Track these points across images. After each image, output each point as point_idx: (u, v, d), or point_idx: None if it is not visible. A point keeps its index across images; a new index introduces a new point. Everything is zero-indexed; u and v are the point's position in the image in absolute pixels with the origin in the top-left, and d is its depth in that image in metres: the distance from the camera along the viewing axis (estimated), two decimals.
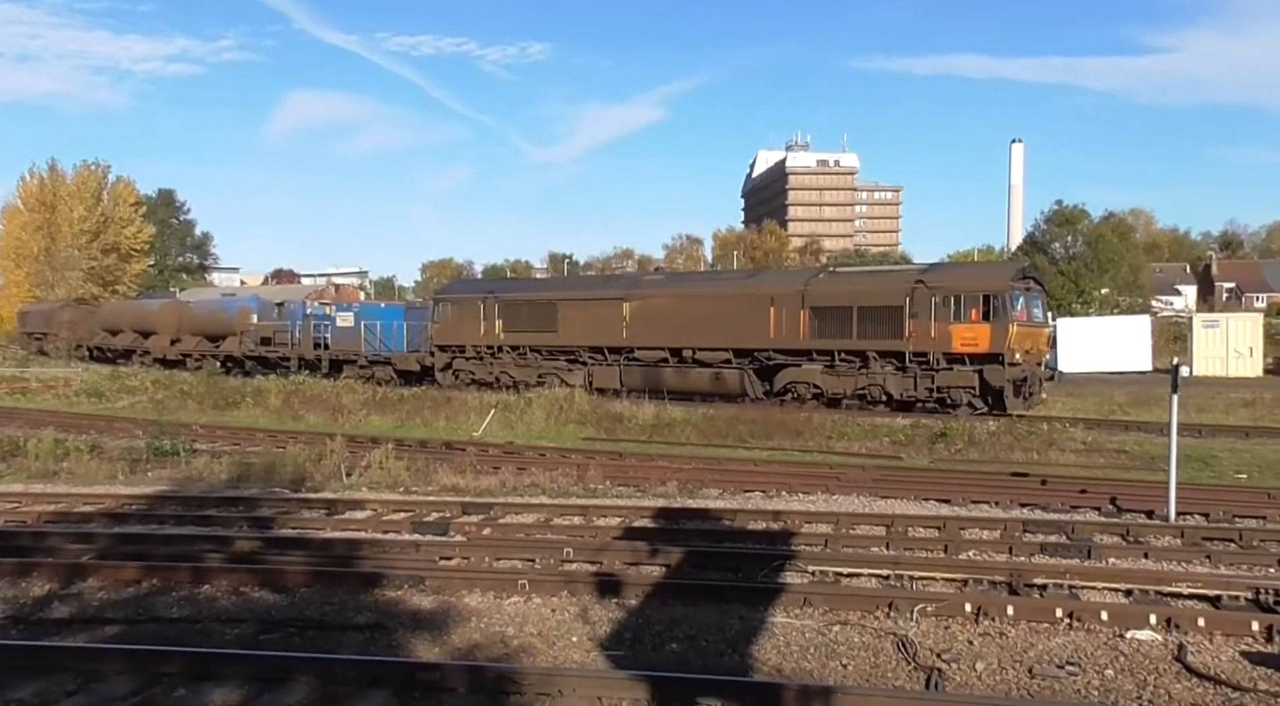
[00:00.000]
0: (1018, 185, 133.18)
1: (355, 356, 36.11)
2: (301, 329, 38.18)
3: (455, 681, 6.56)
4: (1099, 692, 6.67)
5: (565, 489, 14.94)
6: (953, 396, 24.58)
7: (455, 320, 33.31)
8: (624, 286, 31.47)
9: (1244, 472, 16.63)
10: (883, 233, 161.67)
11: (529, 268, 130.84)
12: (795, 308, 26.56)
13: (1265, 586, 8.64)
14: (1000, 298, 24.10)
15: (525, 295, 33.50)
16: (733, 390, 27.60)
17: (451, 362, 33.49)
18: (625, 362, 29.60)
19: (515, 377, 31.65)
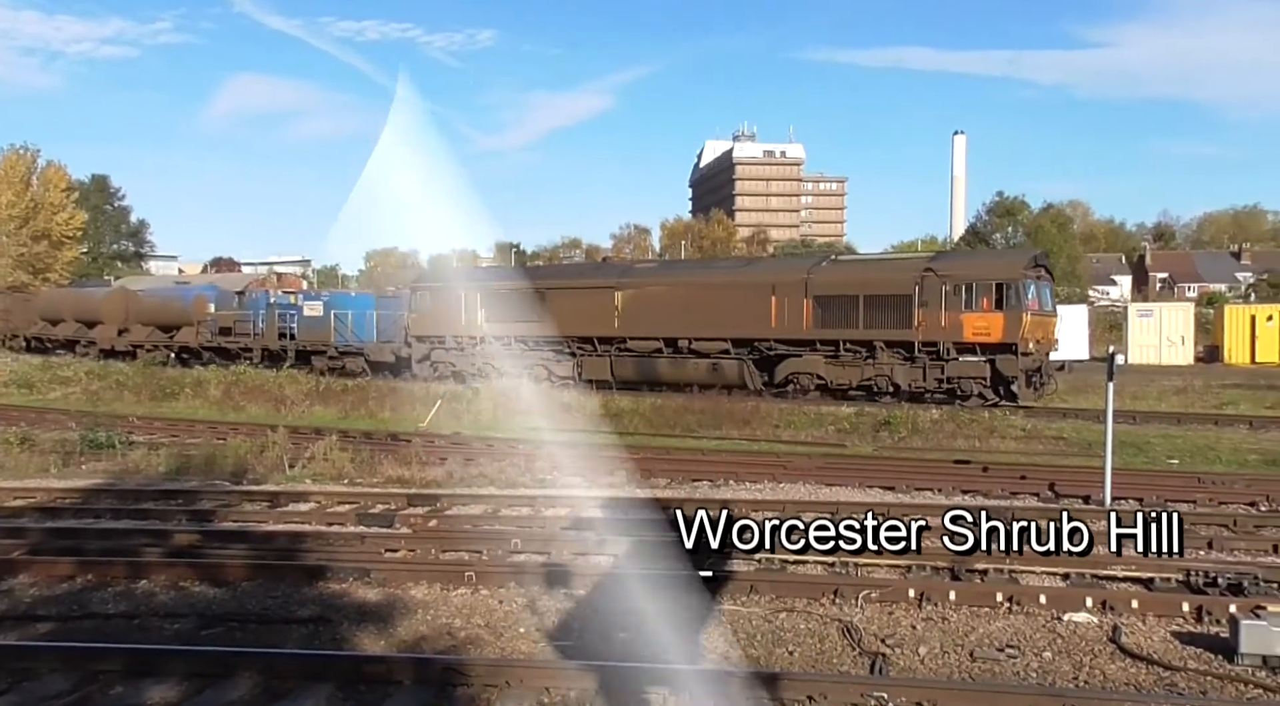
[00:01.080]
0: (960, 177, 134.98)
1: (324, 347, 34.91)
2: (265, 318, 36.86)
3: (401, 674, 6.50)
4: (1037, 674, 6.82)
5: (513, 479, 14.87)
6: (963, 387, 24.08)
7: (434, 309, 31.94)
8: (616, 274, 30.62)
9: (1176, 458, 17.12)
10: (828, 223, 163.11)
11: (476, 256, 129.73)
12: (798, 296, 25.89)
13: (1195, 568, 8.89)
14: (1013, 286, 23.63)
15: (510, 284, 32.09)
16: (731, 381, 26.97)
17: (430, 354, 32.28)
18: (617, 353, 28.78)
19: (500, 369, 30.58)
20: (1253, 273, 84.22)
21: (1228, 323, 44.77)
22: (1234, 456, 17.05)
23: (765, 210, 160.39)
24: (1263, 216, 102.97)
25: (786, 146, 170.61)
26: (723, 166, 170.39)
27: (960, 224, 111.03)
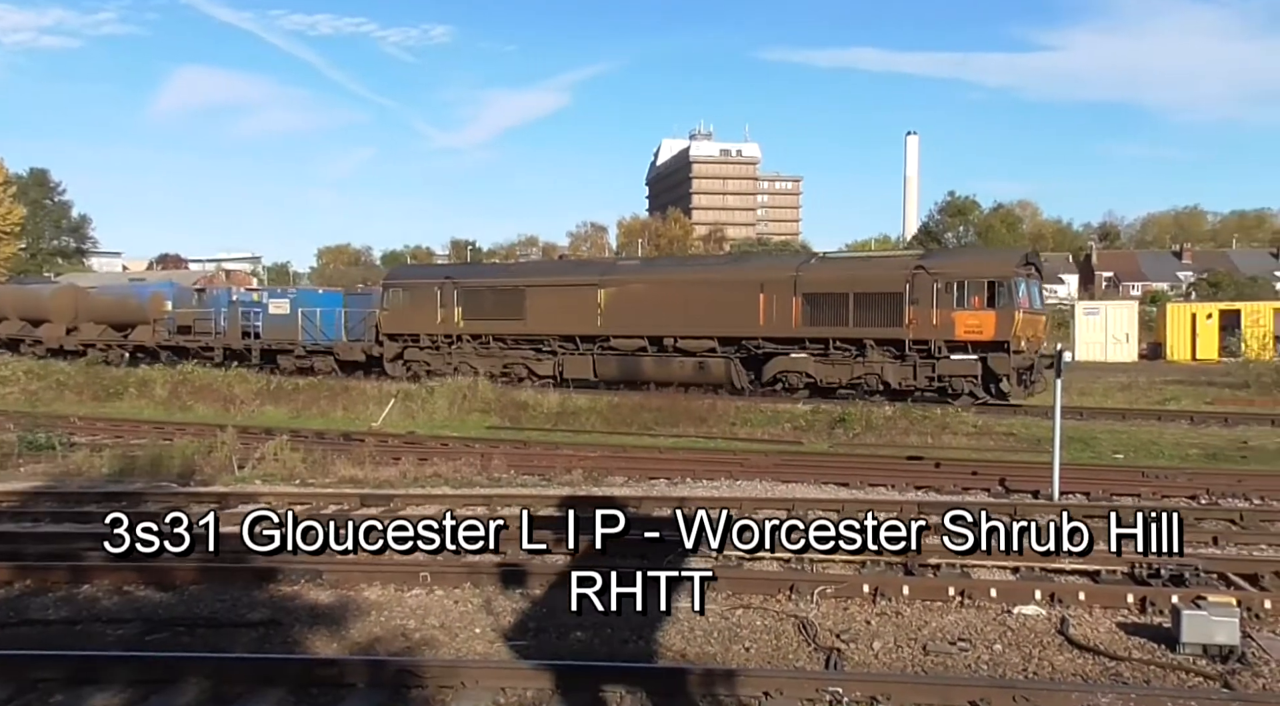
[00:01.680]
0: (912, 176, 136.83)
1: (291, 346, 34.09)
2: (228, 317, 35.99)
3: (355, 676, 6.42)
4: (988, 666, 6.90)
5: (469, 478, 14.77)
6: (954, 385, 23.98)
7: (408, 307, 31.35)
8: (599, 271, 30.01)
9: (1121, 452, 17.46)
10: (784, 222, 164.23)
11: (430, 254, 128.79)
12: (787, 294, 25.55)
13: (1139, 560, 9.05)
14: (1005, 284, 23.53)
15: (488, 281, 31.61)
16: (718, 380, 26.62)
17: (403, 353, 31.65)
18: (600, 352, 28.28)
19: (477, 368, 29.87)
20: (1193, 272, 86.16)
21: (1169, 321, 45.81)
22: (1176, 451, 17.44)
23: (722, 209, 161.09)
24: (1203, 217, 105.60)
25: (743, 145, 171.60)
26: (679, 165, 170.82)
27: (913, 223, 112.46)
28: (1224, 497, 12.95)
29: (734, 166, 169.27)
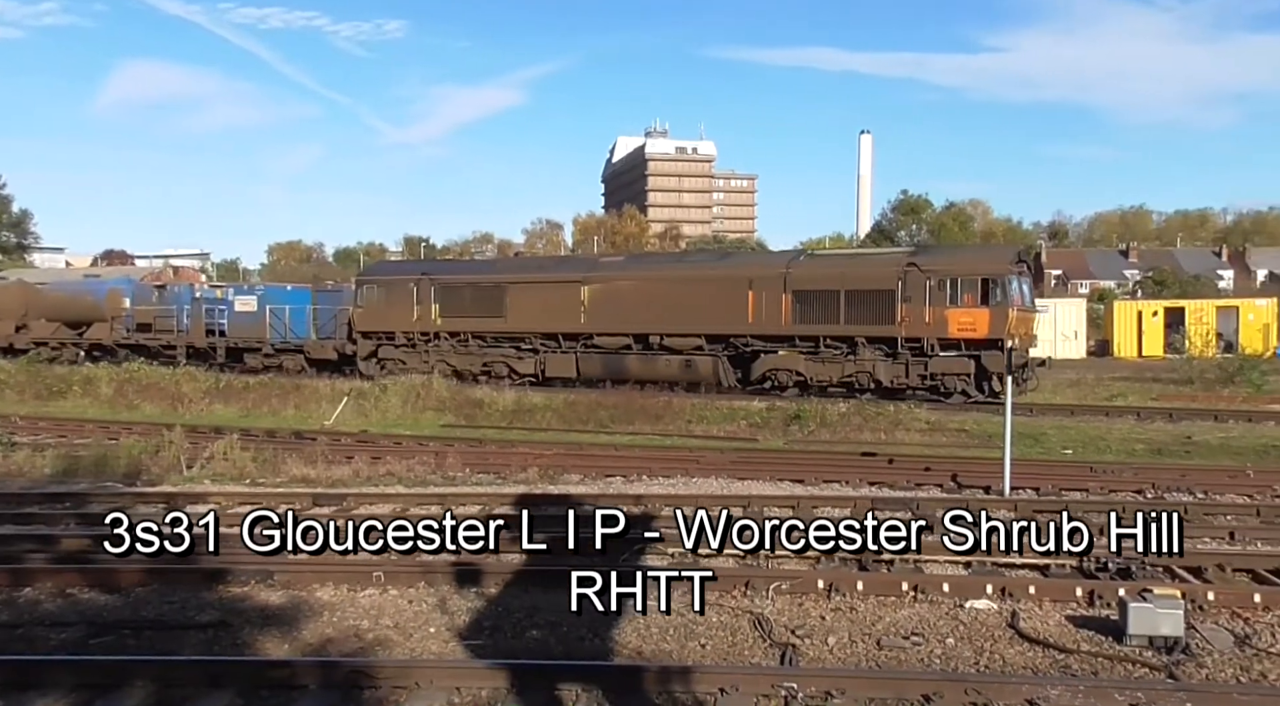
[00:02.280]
0: (866, 175, 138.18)
1: (259, 344, 33.34)
2: (191, 314, 35.06)
3: (306, 678, 6.33)
4: (941, 660, 6.98)
5: (423, 477, 14.64)
6: (947, 383, 23.87)
7: (382, 304, 30.75)
8: (582, 268, 29.64)
9: (1070, 448, 17.75)
10: (739, 219, 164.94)
11: (383, 250, 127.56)
12: (776, 291, 25.29)
13: (1086, 554, 9.21)
14: (1000, 281, 23.44)
15: (467, 277, 31.10)
16: (705, 378, 26.27)
17: (377, 351, 31.04)
18: (583, 350, 27.88)
19: (455, 367, 29.46)
20: (1139, 270, 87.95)
21: (1117, 318, 46.76)
22: (1123, 446, 17.77)
23: (678, 206, 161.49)
24: (1148, 217, 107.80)
25: (698, 143, 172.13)
26: (635, 162, 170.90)
27: (866, 221, 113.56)
28: (1169, 492, 13.22)
29: (689, 164, 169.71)
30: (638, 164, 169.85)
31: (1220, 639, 7.30)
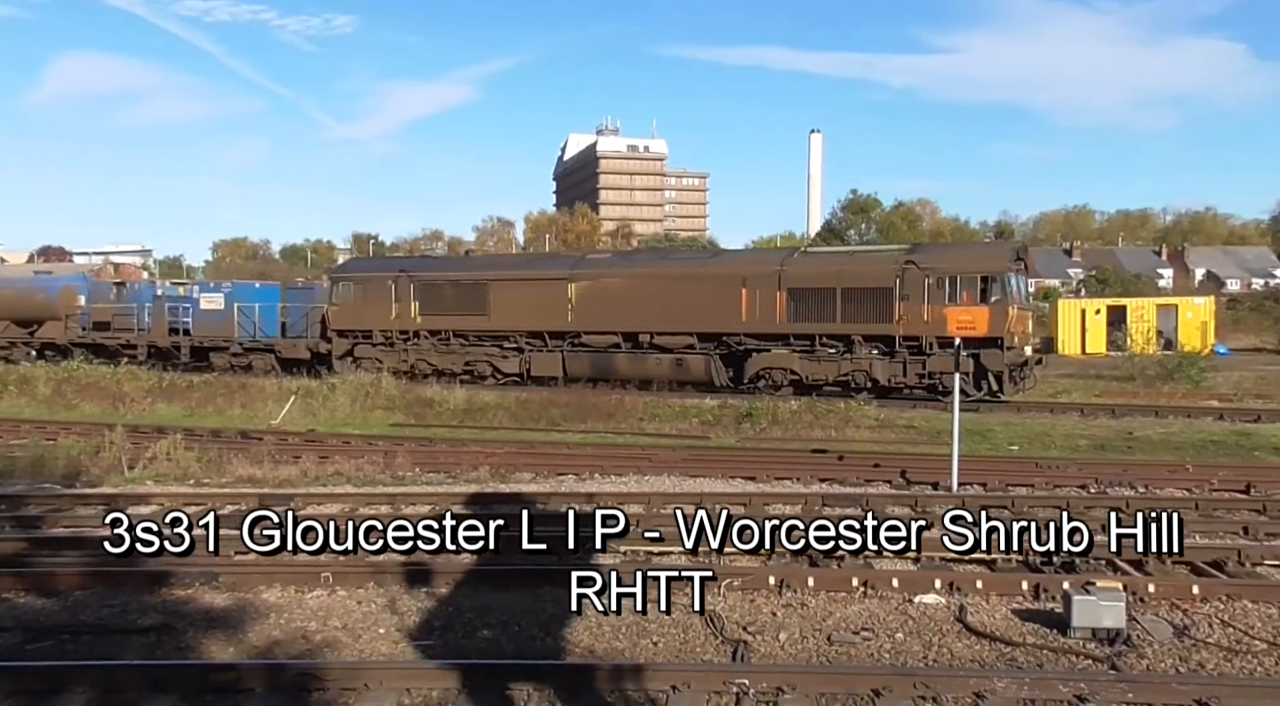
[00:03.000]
0: (816, 174, 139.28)
1: (226, 343, 32.33)
2: (152, 312, 33.97)
3: (253, 681, 6.23)
4: (890, 655, 7.06)
5: (372, 477, 14.48)
6: (945, 382, 23.35)
7: (359, 302, 30.00)
8: (569, 265, 28.97)
9: (1016, 444, 18.06)
10: (691, 218, 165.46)
11: (331, 248, 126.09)
12: (771, 289, 24.88)
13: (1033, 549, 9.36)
14: (999, 279, 23.24)
15: (448, 274, 30.20)
16: (697, 377, 25.82)
17: (353, 349, 30.16)
18: (570, 349, 27.30)
19: (436, 366, 28.85)
20: (1083, 269, 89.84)
21: (1061, 316, 47.63)
22: (1067, 442, 18.11)
23: (629, 204, 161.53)
24: (1091, 216, 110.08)
25: (650, 141, 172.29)
26: (587, 160, 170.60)
27: (817, 220, 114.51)
28: (1111, 486, 13.50)
29: (641, 162, 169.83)
30: (589, 162, 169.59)
31: (1160, 630, 7.47)
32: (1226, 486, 13.34)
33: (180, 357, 32.94)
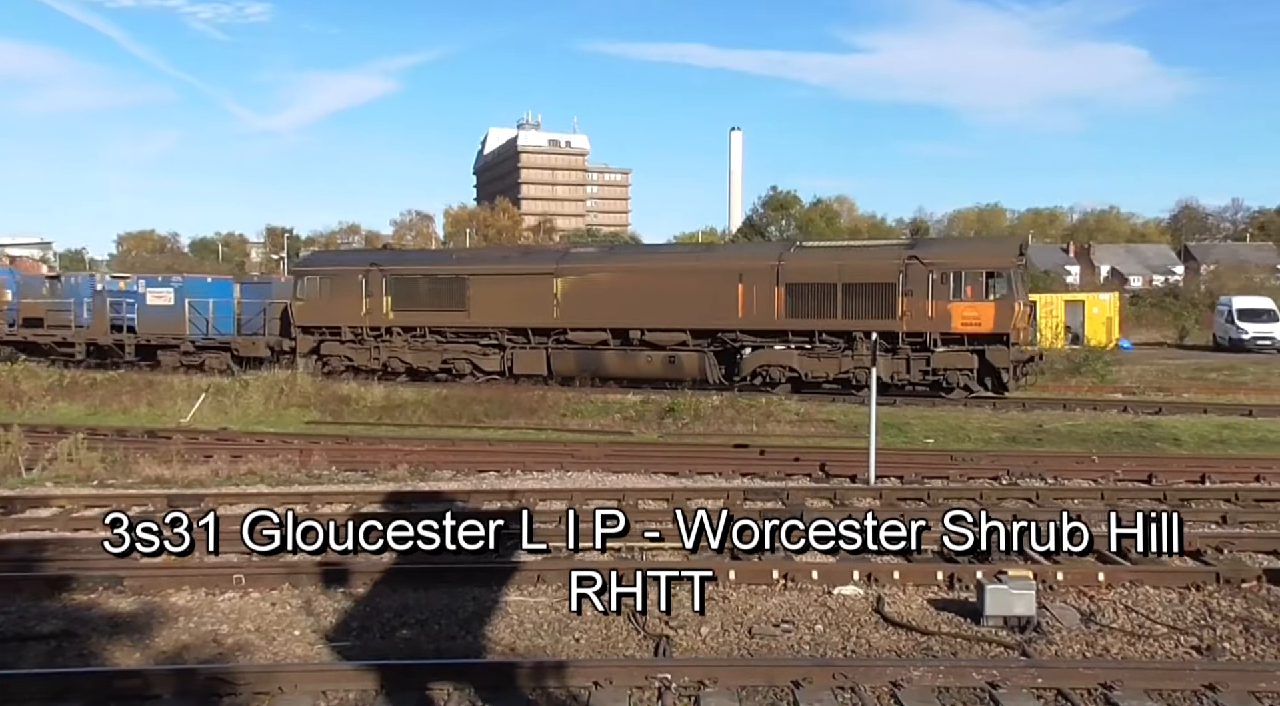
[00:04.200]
0: (737, 171, 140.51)
1: (177, 340, 30.62)
2: (92, 308, 32.16)
3: (160, 687, 6.02)
4: (810, 646, 7.14)
5: (287, 476, 14.18)
6: (949, 378, 23.29)
7: (326, 297, 28.68)
8: (554, 259, 27.91)
9: (931, 437, 18.48)
10: (613, 213, 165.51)
11: (244, 241, 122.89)
12: (768, 284, 24.29)
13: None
14: (1005, 275, 23.00)
15: (424, 268, 29.07)
16: (690, 375, 24.96)
17: (319, 347, 28.81)
18: (555, 345, 26.38)
19: (410, 364, 27.81)
20: None
21: None
22: (980, 435, 18.60)
23: (551, 199, 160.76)
24: (1002, 214, 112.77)
25: (571, 136, 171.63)
26: (507, 154, 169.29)
27: (737, 216, 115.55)
28: (1022, 477, 13.90)
29: (563, 157, 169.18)
30: (510, 156, 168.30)
31: (1068, 617, 7.70)
32: (1130, 476, 13.84)
33: (124, 356, 31.21)
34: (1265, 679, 6.14)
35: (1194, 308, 56.08)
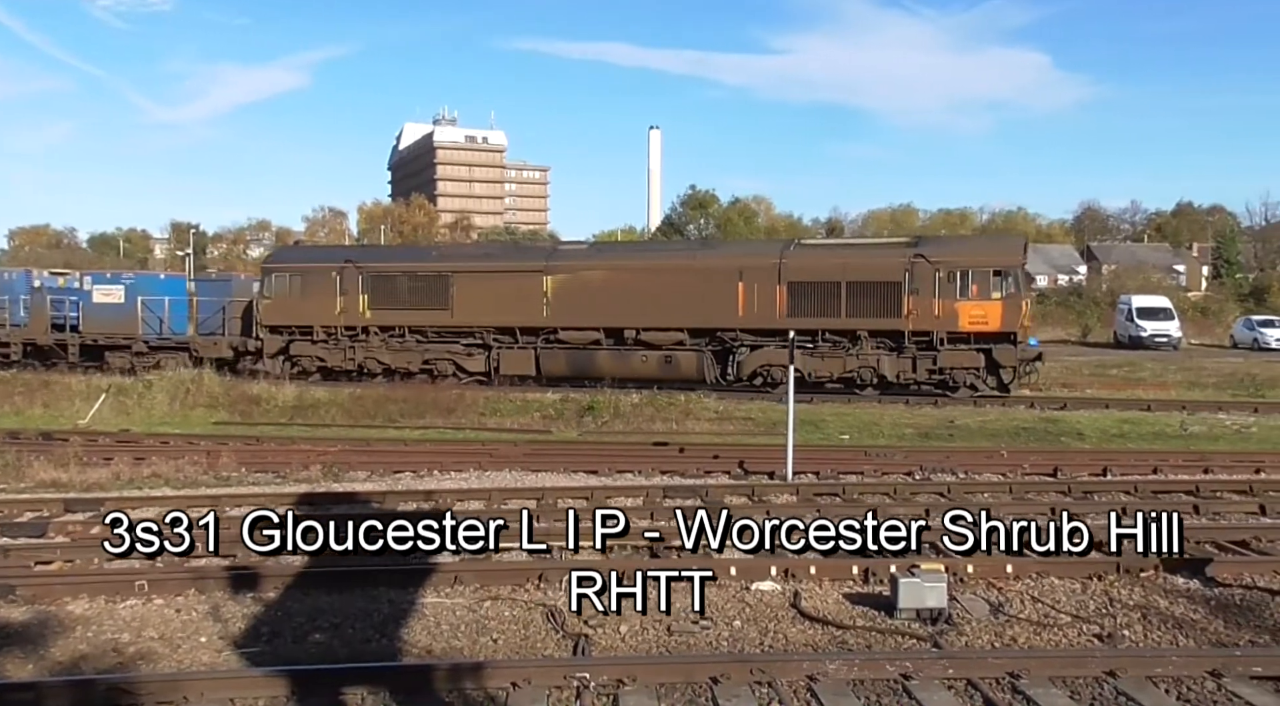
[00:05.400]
0: (655, 170, 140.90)
1: (128, 341, 28.94)
2: (30, 305, 30.28)
3: (55, 699, 5.78)
4: (728, 642, 7.18)
5: (193, 478, 13.73)
6: (955, 377, 23.17)
7: (296, 295, 27.56)
8: (544, 257, 27.13)
9: (846, 434, 18.80)
10: (532, 211, 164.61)
11: (147, 237, 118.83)
12: (770, 282, 23.89)
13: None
14: (1012, 273, 22.88)
15: (404, 265, 27.99)
16: (687, 375, 24.41)
17: (288, 347, 27.69)
18: (545, 346, 25.64)
19: (388, 364, 26.87)
20: None
21: None
22: (894, 431, 18.98)
23: (468, 196, 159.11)
24: (915, 215, 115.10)
25: (488, 133, 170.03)
26: (423, 150, 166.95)
27: (656, 215, 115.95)
28: (935, 472, 14.21)
29: (480, 153, 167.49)
30: (426, 152, 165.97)
31: (978, 608, 7.89)
32: (1036, 470, 14.26)
33: (67, 357, 29.45)
34: (1161, 664, 6.38)
35: (1096, 306, 58.28)
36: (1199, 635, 7.36)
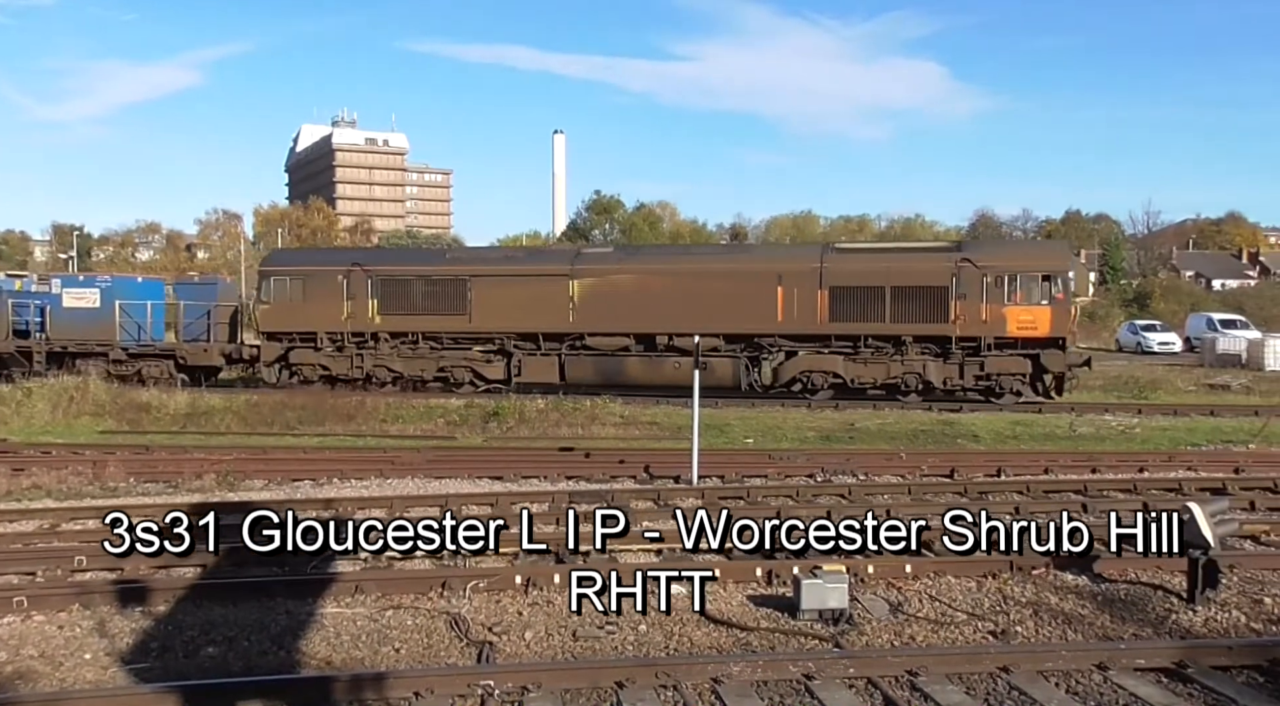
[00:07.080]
0: (560, 174, 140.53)
1: (103, 347, 26.97)
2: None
3: None
4: (634, 646, 7.19)
5: (77, 489, 13.14)
6: (1002, 383, 22.93)
7: (298, 300, 26.40)
8: (569, 260, 26.31)
9: (750, 437, 19.04)
10: (434, 215, 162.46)
11: (26, 239, 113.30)
12: (811, 287, 23.44)
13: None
14: (1060, 277, 22.67)
15: (417, 269, 27.02)
16: (722, 382, 23.70)
17: (287, 354, 26.44)
18: (570, 352, 24.91)
19: (400, 372, 25.93)
20: None
21: None
22: (797, 434, 19.31)
23: (369, 199, 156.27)
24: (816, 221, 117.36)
25: (389, 135, 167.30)
26: (322, 152, 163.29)
27: (562, 219, 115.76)
28: (836, 474, 14.49)
29: (380, 156, 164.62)
30: (324, 154, 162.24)
31: (878, 607, 8.07)
32: (934, 471, 14.66)
33: (32, 365, 27.25)
34: (1051, 659, 6.63)
35: None
36: (1086, 629, 7.66)
